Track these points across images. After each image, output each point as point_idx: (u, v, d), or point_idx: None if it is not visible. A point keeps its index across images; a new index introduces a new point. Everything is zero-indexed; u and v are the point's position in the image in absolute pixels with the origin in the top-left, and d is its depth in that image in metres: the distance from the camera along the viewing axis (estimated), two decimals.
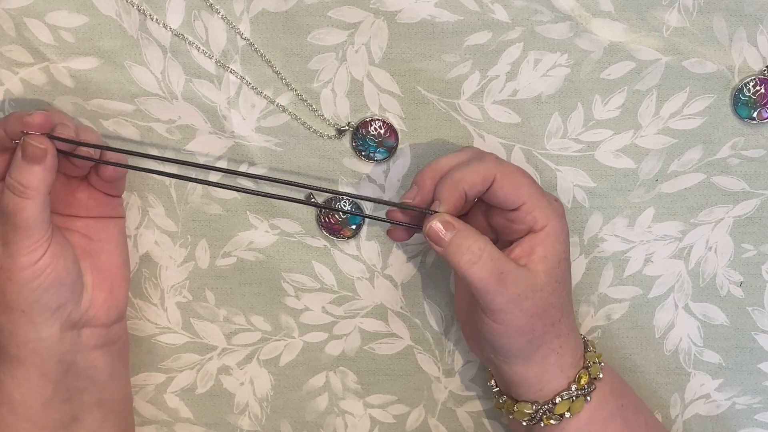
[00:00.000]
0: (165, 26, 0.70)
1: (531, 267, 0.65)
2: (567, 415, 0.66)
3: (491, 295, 0.63)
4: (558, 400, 0.66)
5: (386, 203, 0.69)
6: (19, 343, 0.66)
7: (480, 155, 0.67)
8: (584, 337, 0.69)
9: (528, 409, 0.67)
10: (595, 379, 0.67)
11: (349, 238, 0.74)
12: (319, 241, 0.74)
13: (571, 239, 0.73)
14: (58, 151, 0.65)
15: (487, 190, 0.65)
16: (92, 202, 0.70)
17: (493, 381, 0.70)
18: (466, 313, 0.70)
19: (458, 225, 0.64)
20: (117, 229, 0.71)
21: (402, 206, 0.67)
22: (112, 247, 0.70)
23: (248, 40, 0.71)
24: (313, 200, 0.73)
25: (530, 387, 0.66)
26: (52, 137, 0.65)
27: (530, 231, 0.66)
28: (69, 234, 0.69)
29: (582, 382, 0.66)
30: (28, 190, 0.64)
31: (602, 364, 0.68)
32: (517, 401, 0.68)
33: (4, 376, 0.66)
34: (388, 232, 0.69)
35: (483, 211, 0.69)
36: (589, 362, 0.67)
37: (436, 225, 0.64)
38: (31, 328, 0.65)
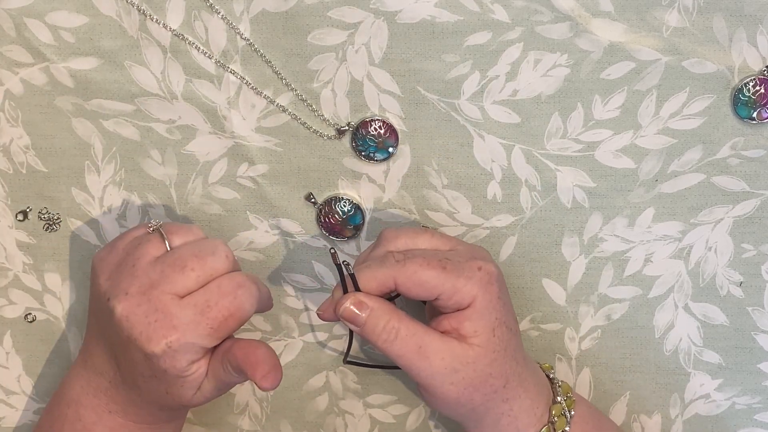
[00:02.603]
0: (165, 26, 0.70)
1: (462, 340, 0.64)
2: None
3: (416, 371, 0.64)
4: None
5: None
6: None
7: (382, 257, 0.65)
8: (558, 382, 0.69)
9: None
10: (562, 431, 0.67)
11: (348, 238, 0.74)
12: (319, 241, 0.74)
13: (570, 239, 0.73)
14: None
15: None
16: None
17: None
18: None
19: (372, 303, 0.63)
20: None
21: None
22: None
23: (248, 40, 0.71)
24: (313, 200, 0.73)
25: None
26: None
27: (458, 308, 0.64)
28: None
29: None
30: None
31: (572, 412, 0.67)
32: None
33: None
34: (319, 316, 0.67)
35: None
36: (554, 417, 0.67)
37: (349, 306, 0.64)
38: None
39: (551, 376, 0.70)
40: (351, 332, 0.73)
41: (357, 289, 0.64)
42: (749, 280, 0.74)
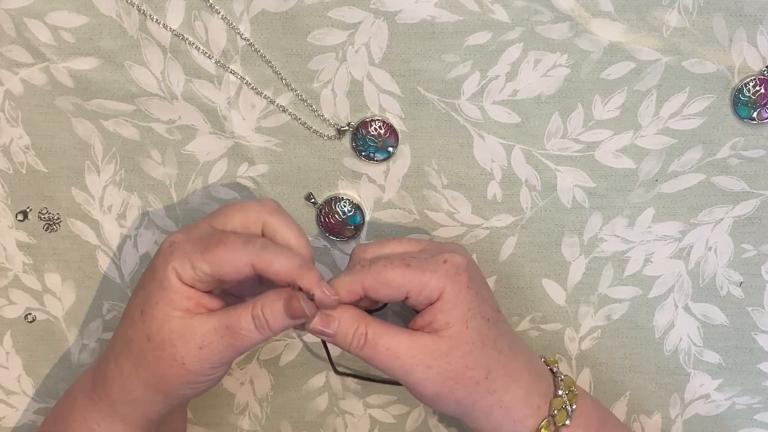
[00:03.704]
0: (165, 26, 0.70)
1: (434, 334, 0.64)
2: None
3: (390, 371, 0.64)
4: None
5: None
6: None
7: (350, 267, 0.66)
8: (560, 376, 0.68)
9: None
10: (562, 425, 0.66)
11: (348, 238, 0.74)
12: (319, 241, 0.74)
13: (570, 239, 0.73)
14: None
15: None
16: None
17: None
18: None
19: (339, 314, 0.64)
20: None
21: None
22: None
23: (248, 40, 0.71)
24: (313, 200, 0.73)
25: None
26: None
27: (429, 303, 0.65)
28: None
29: None
30: (268, 330, 0.64)
31: (573, 406, 0.67)
32: None
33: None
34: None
35: None
36: (554, 410, 0.66)
37: (316, 323, 0.64)
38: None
39: (555, 369, 0.69)
40: (323, 342, 0.72)
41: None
42: (749, 280, 0.74)
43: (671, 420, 0.76)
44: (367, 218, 0.74)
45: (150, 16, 0.70)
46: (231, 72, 0.71)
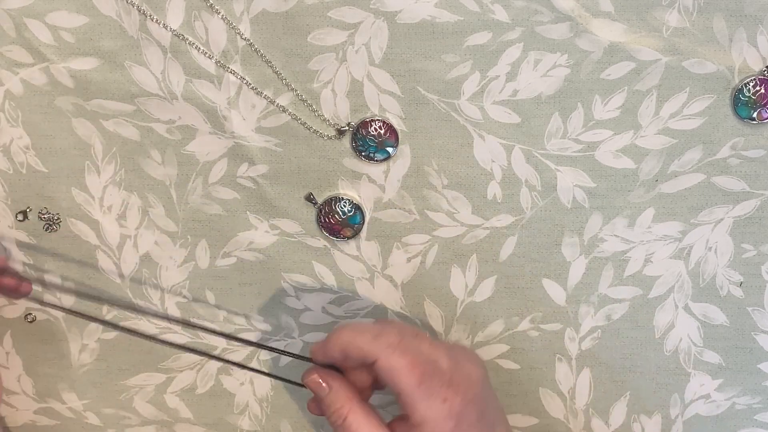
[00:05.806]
0: (165, 26, 0.70)
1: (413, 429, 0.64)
2: None
3: None
4: None
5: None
6: None
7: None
8: None
9: None
10: None
11: (349, 238, 0.74)
12: (319, 241, 0.74)
13: (570, 239, 0.73)
14: None
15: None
16: None
17: None
18: None
19: (333, 383, 0.66)
20: None
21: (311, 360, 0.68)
22: None
23: (248, 40, 0.71)
24: (313, 200, 0.73)
25: None
26: None
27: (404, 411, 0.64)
28: None
29: None
30: None
31: None
32: None
33: None
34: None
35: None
36: None
37: (314, 379, 0.66)
38: None
39: None
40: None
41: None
42: (749, 280, 0.74)
43: (671, 420, 0.76)
44: (367, 218, 0.74)
45: (150, 16, 0.70)
46: (231, 72, 0.71)
